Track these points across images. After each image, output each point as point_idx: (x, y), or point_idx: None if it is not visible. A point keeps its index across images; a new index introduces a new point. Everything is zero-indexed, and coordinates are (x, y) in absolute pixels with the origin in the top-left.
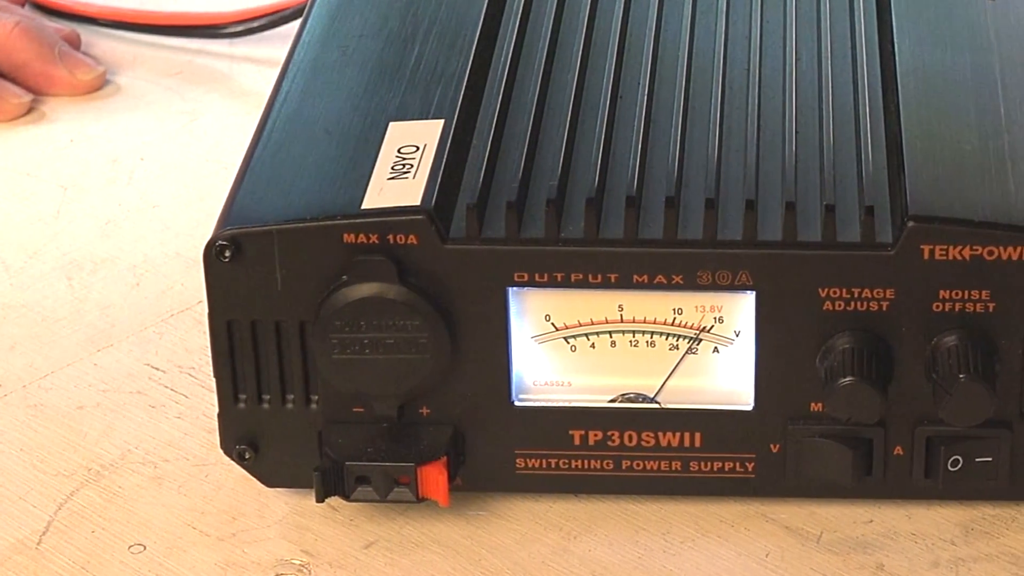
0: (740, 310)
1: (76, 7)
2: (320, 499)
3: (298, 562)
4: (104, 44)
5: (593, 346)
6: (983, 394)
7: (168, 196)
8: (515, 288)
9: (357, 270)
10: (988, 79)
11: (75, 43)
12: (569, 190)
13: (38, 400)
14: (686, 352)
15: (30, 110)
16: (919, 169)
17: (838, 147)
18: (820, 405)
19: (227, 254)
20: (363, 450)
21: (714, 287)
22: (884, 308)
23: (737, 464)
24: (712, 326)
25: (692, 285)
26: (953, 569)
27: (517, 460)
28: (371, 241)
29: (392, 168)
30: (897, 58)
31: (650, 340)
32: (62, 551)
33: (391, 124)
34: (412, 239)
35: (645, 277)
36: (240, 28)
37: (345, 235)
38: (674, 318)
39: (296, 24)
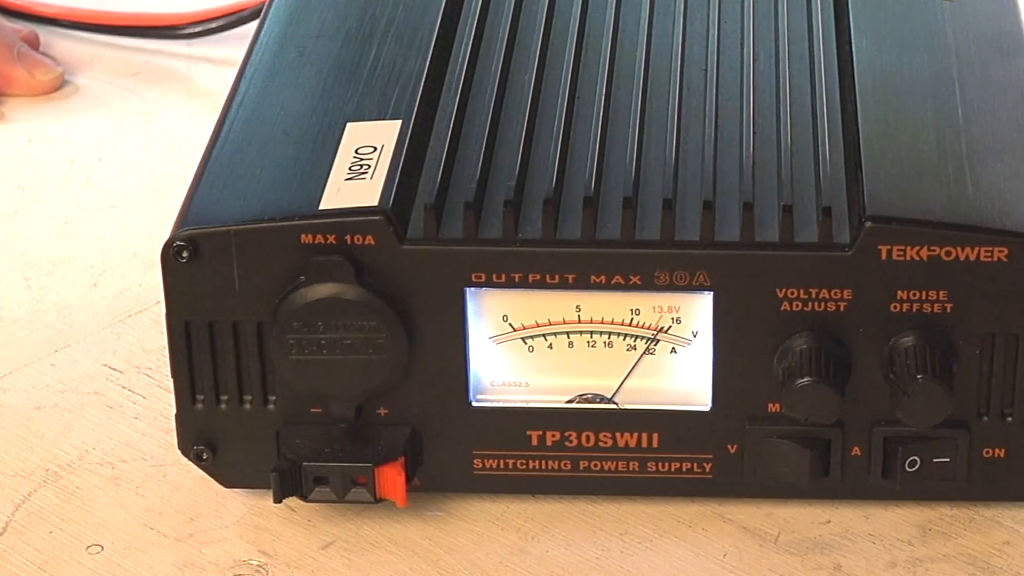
0: (698, 310)
1: (34, 7)
2: (278, 500)
3: (256, 562)
4: (62, 44)
5: (551, 347)
6: (941, 395)
7: (126, 196)
8: (473, 288)
9: (315, 271)
10: (945, 79)
11: (34, 43)
12: (527, 191)
13: None
14: (644, 353)
15: None
16: (876, 169)
17: (796, 147)
18: (778, 406)
19: (185, 254)
20: (321, 451)
21: (672, 288)
22: (842, 308)
23: (695, 465)
24: (670, 327)
25: (650, 285)
26: (911, 569)
27: (475, 460)
28: (328, 242)
29: (350, 169)
30: (855, 58)
31: (608, 341)
32: (20, 551)
33: (349, 125)
34: (369, 239)
35: (603, 278)
36: (198, 29)
37: (303, 236)
38: (632, 319)
39: (254, 25)
